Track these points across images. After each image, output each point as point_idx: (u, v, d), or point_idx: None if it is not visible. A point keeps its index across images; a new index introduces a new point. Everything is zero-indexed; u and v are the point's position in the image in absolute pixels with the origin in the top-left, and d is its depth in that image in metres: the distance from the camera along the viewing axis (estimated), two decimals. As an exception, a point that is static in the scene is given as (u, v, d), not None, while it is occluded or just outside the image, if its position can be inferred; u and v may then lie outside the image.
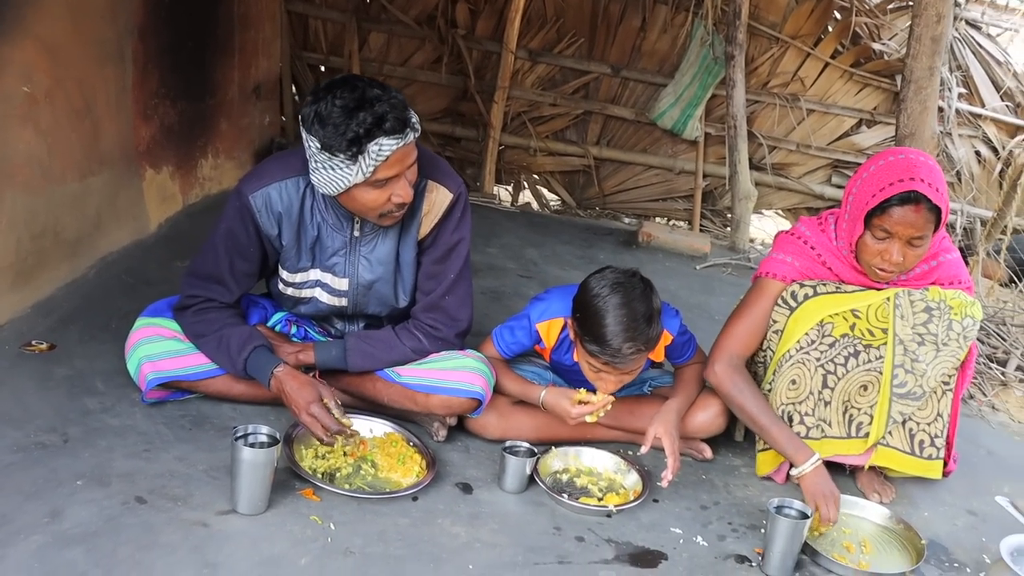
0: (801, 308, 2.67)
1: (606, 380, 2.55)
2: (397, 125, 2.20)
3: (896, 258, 2.51)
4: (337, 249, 2.54)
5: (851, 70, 6.38)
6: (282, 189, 2.45)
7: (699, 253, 5.55)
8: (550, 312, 2.69)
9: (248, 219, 2.46)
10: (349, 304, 2.63)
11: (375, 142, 2.19)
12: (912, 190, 2.43)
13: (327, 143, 2.20)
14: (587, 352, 2.50)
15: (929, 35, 3.40)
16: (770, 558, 2.28)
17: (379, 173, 2.25)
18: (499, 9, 6.16)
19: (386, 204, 2.33)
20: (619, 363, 2.47)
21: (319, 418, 2.33)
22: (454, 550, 2.16)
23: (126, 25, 3.49)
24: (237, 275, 2.52)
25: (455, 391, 2.56)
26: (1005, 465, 3.25)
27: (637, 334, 2.43)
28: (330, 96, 2.20)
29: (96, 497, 2.09)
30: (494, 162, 6.31)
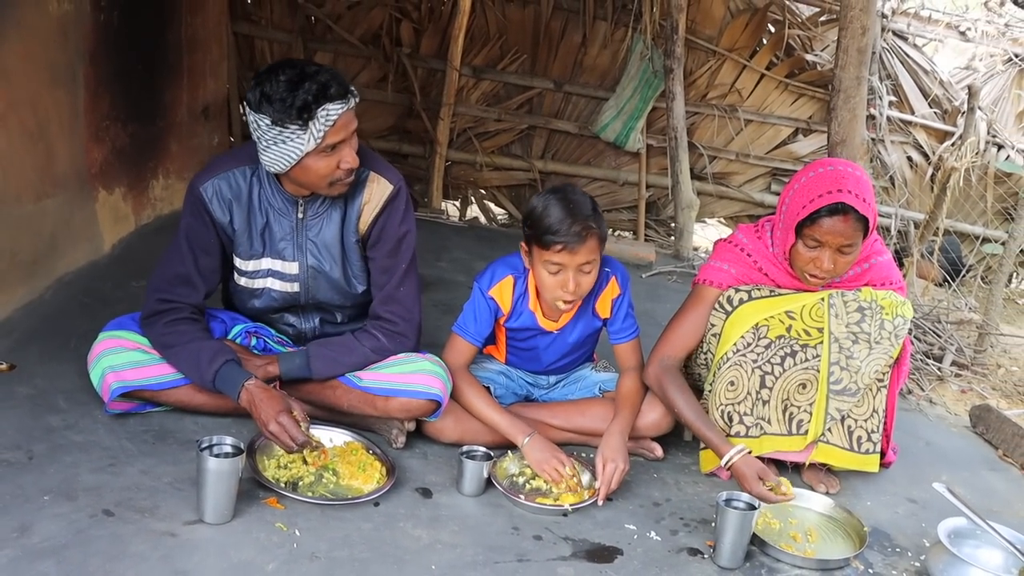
0: (736, 312, 2.77)
1: (564, 281, 2.60)
2: (340, 91, 2.37)
3: (827, 265, 2.62)
4: (285, 234, 2.63)
5: (786, 81, 6.57)
6: (230, 178, 2.58)
7: (644, 262, 5.66)
8: (496, 276, 2.79)
9: (202, 210, 2.56)
10: (301, 290, 2.70)
11: (323, 108, 2.35)
12: (840, 202, 2.53)
13: (277, 117, 2.35)
14: (542, 248, 2.58)
15: (855, 46, 3.55)
16: (721, 549, 2.36)
17: (328, 138, 2.39)
18: (443, 28, 6.23)
19: (335, 171, 2.46)
20: (573, 244, 2.54)
21: (287, 428, 2.38)
22: (416, 552, 2.22)
23: (77, 49, 3.51)
24: (203, 271, 2.60)
25: (414, 393, 2.63)
26: (943, 455, 3.40)
27: (583, 216, 2.55)
28: (272, 76, 2.36)
29: (64, 511, 2.12)
30: (441, 178, 6.35)
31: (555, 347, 2.92)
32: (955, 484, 3.05)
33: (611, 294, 2.84)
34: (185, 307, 2.59)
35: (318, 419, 2.71)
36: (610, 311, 2.87)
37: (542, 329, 2.85)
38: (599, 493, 2.57)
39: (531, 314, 2.82)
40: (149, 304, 2.59)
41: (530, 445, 2.66)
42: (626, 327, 2.88)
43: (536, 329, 2.85)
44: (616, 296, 2.85)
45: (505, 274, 2.79)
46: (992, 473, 3.32)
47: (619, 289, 2.84)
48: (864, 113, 3.66)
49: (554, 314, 2.81)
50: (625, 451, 2.66)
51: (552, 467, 2.62)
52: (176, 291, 2.58)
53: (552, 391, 3.03)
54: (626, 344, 2.89)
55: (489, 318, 2.81)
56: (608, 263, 2.82)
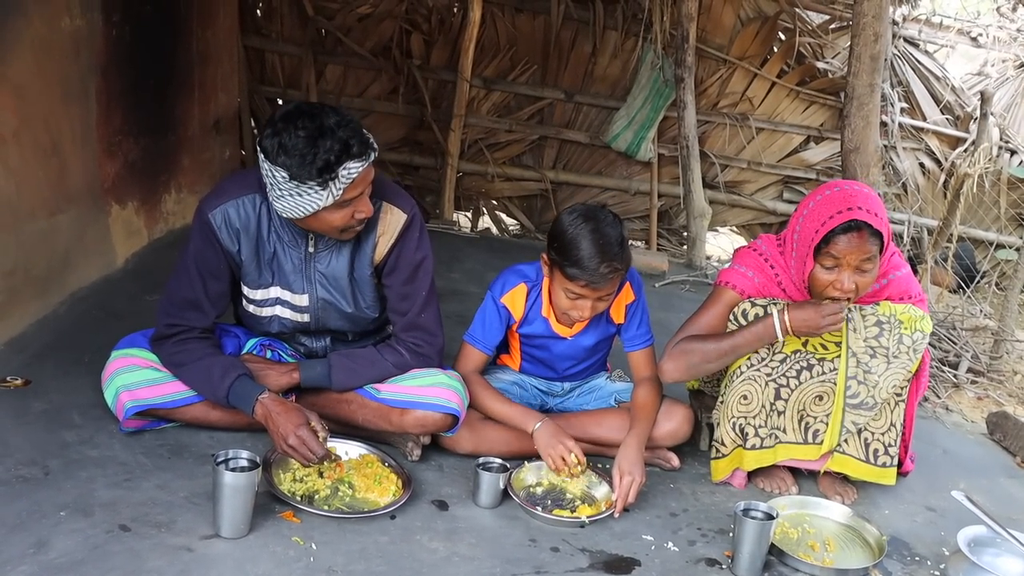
0: None
1: (582, 307, 2.63)
2: (361, 148, 2.33)
3: (848, 285, 2.57)
4: (294, 266, 2.61)
5: (797, 89, 6.57)
6: (239, 206, 2.53)
7: (657, 271, 5.65)
8: (509, 284, 2.81)
9: (211, 236, 2.53)
10: (312, 320, 2.70)
11: (344, 167, 2.31)
12: (853, 219, 2.51)
13: (296, 173, 2.29)
14: (565, 278, 2.59)
15: (868, 54, 3.54)
16: (739, 560, 2.35)
17: (346, 194, 2.37)
18: (453, 39, 6.26)
19: (350, 221, 2.44)
20: (597, 284, 2.56)
21: (307, 441, 2.37)
22: (433, 564, 2.21)
23: (89, 64, 3.53)
24: (212, 296, 2.59)
25: (431, 406, 2.62)
26: (960, 463, 3.37)
27: (612, 255, 2.55)
28: (291, 127, 2.29)
29: (80, 527, 2.12)
30: (453, 189, 6.37)
31: (569, 353, 2.91)
32: (973, 492, 3.03)
33: (625, 299, 2.84)
34: (194, 329, 2.59)
35: (333, 432, 2.70)
36: (624, 316, 2.86)
37: (555, 335, 2.85)
38: (616, 506, 2.55)
39: (544, 321, 2.82)
40: (159, 329, 2.60)
41: (540, 430, 2.66)
42: (640, 334, 2.87)
43: (549, 335, 2.85)
44: (630, 302, 2.85)
45: (517, 282, 2.81)
46: (1010, 480, 3.29)
47: (633, 295, 2.84)
48: (877, 120, 3.65)
49: (567, 321, 2.81)
50: (642, 463, 2.65)
51: (558, 453, 2.62)
52: (185, 316, 2.57)
53: (567, 400, 3.02)
54: (640, 352, 2.88)
55: (500, 326, 2.82)
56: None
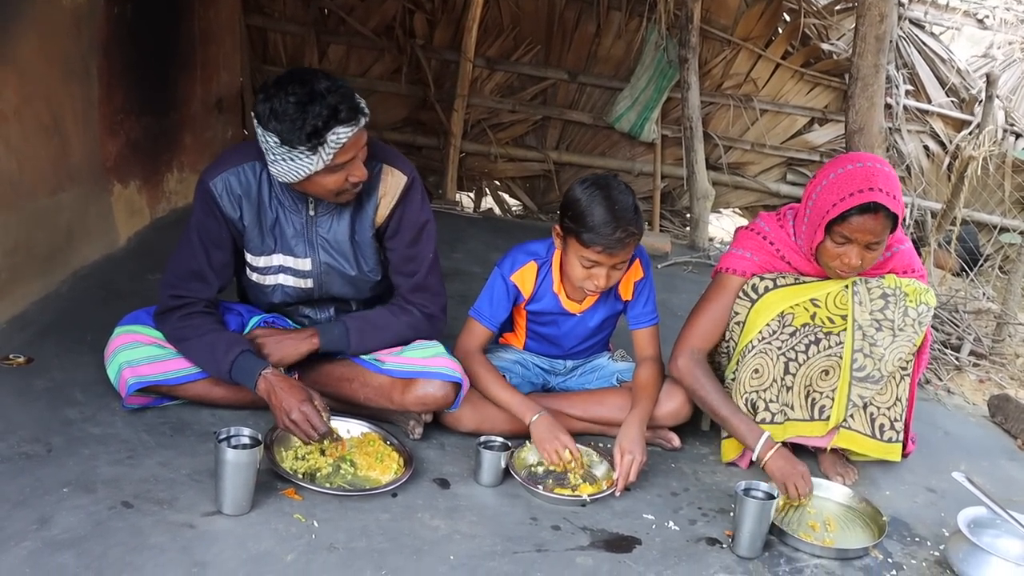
0: (762, 300, 2.76)
1: (598, 276, 2.63)
2: (351, 114, 2.34)
3: (854, 262, 2.59)
4: (296, 231, 2.63)
5: (802, 70, 6.53)
6: (240, 173, 2.56)
7: (660, 252, 5.65)
8: (519, 262, 2.81)
9: (213, 205, 2.56)
10: (315, 286, 2.71)
11: (332, 132, 2.33)
12: (872, 201, 2.50)
13: (286, 138, 2.33)
14: (581, 245, 2.59)
15: (873, 34, 3.52)
16: (740, 539, 2.35)
17: (337, 159, 2.39)
18: (456, 19, 6.22)
19: (343, 184, 2.47)
20: (613, 249, 2.56)
21: (309, 417, 2.38)
22: (435, 542, 2.22)
23: (90, 42, 3.52)
24: (215, 266, 2.60)
25: (435, 374, 2.62)
26: (961, 445, 3.38)
27: (627, 220, 2.56)
28: (282, 92, 2.32)
29: (83, 503, 2.13)
30: (455, 169, 6.36)
31: (577, 330, 2.92)
32: (974, 473, 3.02)
33: (634, 276, 2.85)
34: (198, 301, 2.60)
35: (335, 411, 2.71)
36: (632, 293, 2.87)
37: (565, 311, 2.86)
38: (617, 484, 2.56)
39: (554, 297, 2.83)
40: (162, 301, 2.60)
41: (537, 423, 2.66)
42: (646, 312, 2.88)
43: (559, 312, 2.86)
44: (639, 279, 2.86)
45: (527, 260, 2.81)
46: (1011, 463, 3.29)
47: (642, 272, 2.86)
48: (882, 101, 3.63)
49: (578, 296, 2.82)
50: (643, 442, 2.65)
51: (553, 448, 2.62)
52: (189, 287, 2.58)
53: (568, 380, 3.03)
54: (645, 330, 2.89)
55: (506, 303, 2.82)
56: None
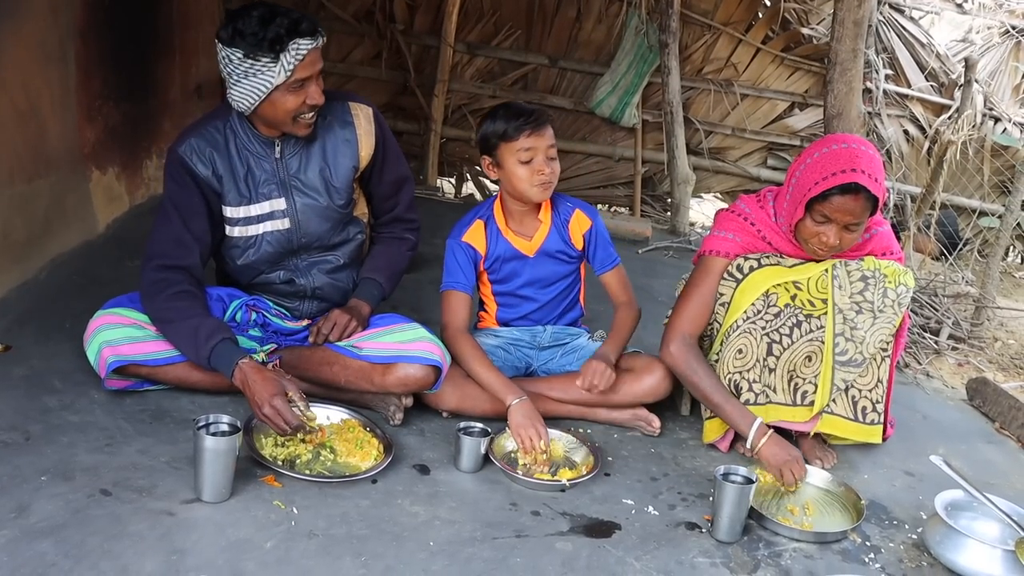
0: (747, 280, 2.77)
1: (539, 166, 2.75)
2: (310, 27, 2.46)
3: (832, 241, 2.61)
4: (268, 176, 2.70)
5: (782, 55, 6.54)
6: (205, 133, 2.65)
7: (641, 237, 5.65)
8: (464, 225, 2.94)
9: (183, 172, 2.62)
10: (292, 225, 2.74)
11: (294, 42, 2.43)
12: (853, 181, 2.51)
13: (250, 50, 2.42)
14: (511, 141, 2.75)
15: (851, 18, 3.52)
16: (719, 523, 2.36)
17: (297, 73, 2.46)
18: (436, 4, 6.20)
19: (301, 107, 2.53)
20: (537, 127, 2.73)
21: (281, 412, 2.38)
22: (414, 528, 2.22)
23: (68, 27, 3.48)
24: (193, 231, 2.63)
25: (415, 359, 2.64)
26: (939, 428, 3.40)
27: (532, 107, 2.80)
28: (245, 13, 2.45)
29: (61, 491, 2.12)
30: (436, 155, 6.36)
31: (537, 274, 2.97)
32: (952, 457, 3.06)
33: (580, 227, 2.95)
34: (183, 273, 2.59)
35: (316, 396, 2.72)
36: (583, 243, 2.96)
37: (519, 254, 2.93)
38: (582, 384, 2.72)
39: (506, 242, 2.91)
40: (147, 274, 2.59)
41: (516, 408, 2.67)
42: (607, 256, 3.00)
43: (514, 256, 2.93)
44: (586, 229, 2.96)
45: (472, 220, 2.93)
46: (989, 446, 3.32)
47: (588, 221, 2.96)
48: (860, 86, 3.64)
49: (527, 233, 2.92)
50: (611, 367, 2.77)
51: (527, 435, 2.63)
52: (171, 254, 2.59)
53: (551, 361, 3.03)
54: (610, 273, 3.00)
55: (469, 264, 2.90)
56: (568, 199, 3.01)
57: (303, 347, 2.80)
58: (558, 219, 2.93)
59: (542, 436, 2.63)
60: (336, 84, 6.33)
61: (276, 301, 2.87)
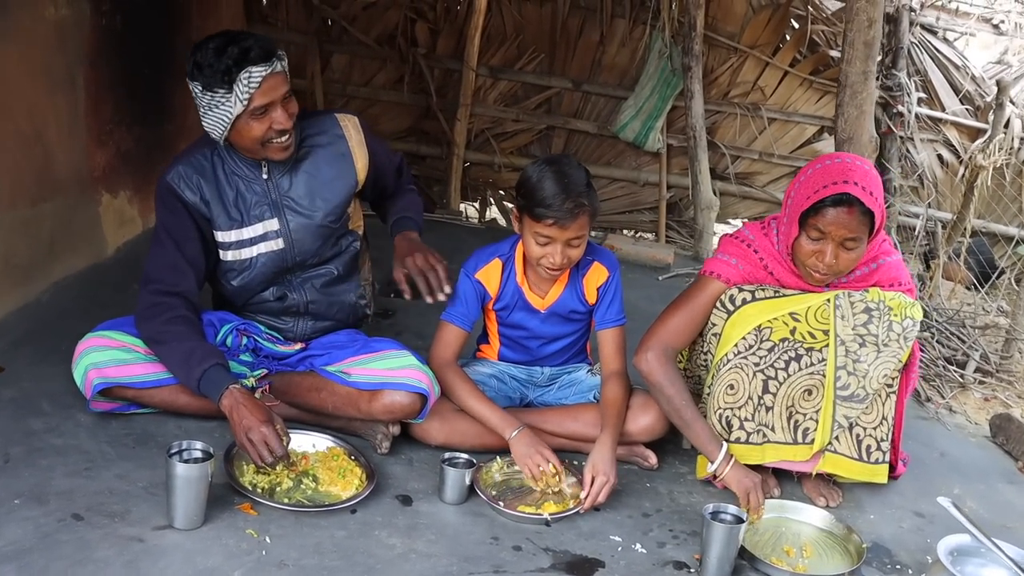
0: (738, 312, 2.70)
1: (553, 253, 2.62)
2: (262, 54, 2.45)
3: (829, 259, 2.53)
4: (259, 198, 2.70)
5: (810, 78, 6.41)
6: (192, 161, 2.67)
7: (662, 264, 5.58)
8: (482, 260, 2.82)
9: (174, 200, 2.64)
10: (286, 244, 2.74)
11: (244, 71, 2.43)
12: (845, 192, 2.47)
13: (207, 83, 2.46)
14: (534, 220, 2.59)
15: (862, 39, 3.45)
16: (707, 564, 2.29)
17: (255, 101, 2.46)
18: (459, 28, 6.19)
19: (268, 132, 2.52)
20: (564, 221, 2.56)
21: (267, 439, 2.35)
22: (389, 561, 2.18)
23: (76, 53, 3.52)
24: (188, 256, 2.65)
25: (400, 386, 2.61)
26: (957, 467, 3.26)
27: (577, 192, 2.56)
28: (204, 45, 2.48)
29: (33, 515, 2.12)
30: (459, 179, 6.33)
31: (545, 329, 2.89)
32: (969, 498, 2.96)
33: (597, 280, 2.83)
34: (180, 299, 2.59)
35: (305, 423, 2.71)
36: (596, 297, 2.85)
37: (530, 307, 2.84)
38: (583, 503, 2.51)
39: (519, 291, 2.82)
40: (144, 297, 2.60)
41: (517, 438, 2.62)
42: (611, 313, 2.86)
43: (524, 308, 2.84)
44: (602, 283, 2.84)
45: (491, 258, 2.82)
46: (1009, 486, 3.18)
47: (606, 274, 2.84)
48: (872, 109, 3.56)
49: (542, 288, 2.82)
50: (615, 464, 2.61)
51: (535, 463, 2.58)
52: (166, 279, 2.60)
53: (546, 394, 2.98)
54: (609, 331, 2.85)
55: (475, 301, 2.81)
56: (593, 251, 2.85)
57: (292, 373, 2.79)
58: (576, 274, 2.82)
59: (549, 460, 2.59)
60: (359, 108, 6.36)
61: (268, 323, 2.86)
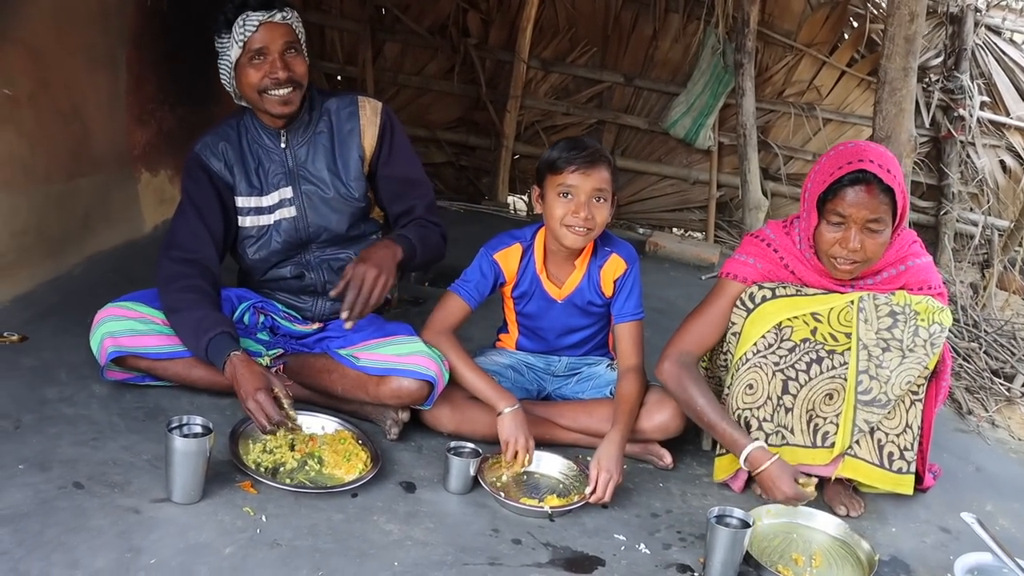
0: (758, 310, 2.64)
1: (577, 207, 2.60)
2: (263, 2, 2.56)
3: (854, 244, 2.46)
4: (276, 167, 2.77)
5: (868, 78, 6.26)
6: (219, 131, 2.79)
7: (706, 263, 5.51)
8: (503, 243, 2.81)
9: (198, 170, 2.75)
10: (299, 213, 2.78)
11: (242, 15, 2.55)
12: (861, 170, 2.41)
13: (216, 32, 2.61)
14: (555, 175, 2.63)
15: (902, 35, 3.33)
16: (710, 569, 2.23)
17: (251, 44, 2.57)
18: (511, 19, 6.19)
19: (263, 80, 2.59)
20: (585, 166, 2.58)
21: (263, 406, 2.36)
22: (383, 547, 2.16)
23: (119, 33, 3.59)
24: (209, 225, 2.73)
25: (408, 373, 2.59)
26: (992, 483, 3.14)
27: (591, 144, 2.64)
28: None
29: (34, 481, 2.14)
30: (508, 171, 6.32)
31: (562, 319, 2.86)
32: (1002, 515, 2.84)
33: (614, 273, 2.79)
34: (197, 267, 2.63)
35: (318, 405, 2.72)
36: (613, 290, 2.81)
37: (547, 296, 2.82)
38: (587, 497, 2.47)
39: (537, 279, 2.80)
40: (163, 264, 2.65)
41: (507, 415, 2.59)
42: (628, 307, 2.80)
43: (541, 297, 2.82)
44: (619, 276, 2.79)
45: (512, 242, 2.80)
46: (1047, 506, 3.05)
47: (624, 267, 2.79)
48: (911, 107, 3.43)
49: (560, 278, 2.80)
50: (621, 461, 2.55)
51: (512, 446, 2.56)
52: (187, 246, 2.67)
53: (565, 386, 2.94)
54: (626, 326, 2.79)
55: (488, 280, 2.79)
56: (613, 242, 2.81)
57: (307, 354, 2.80)
58: (594, 265, 2.79)
59: (526, 449, 2.57)
60: (410, 97, 6.39)
61: (287, 302, 2.88)
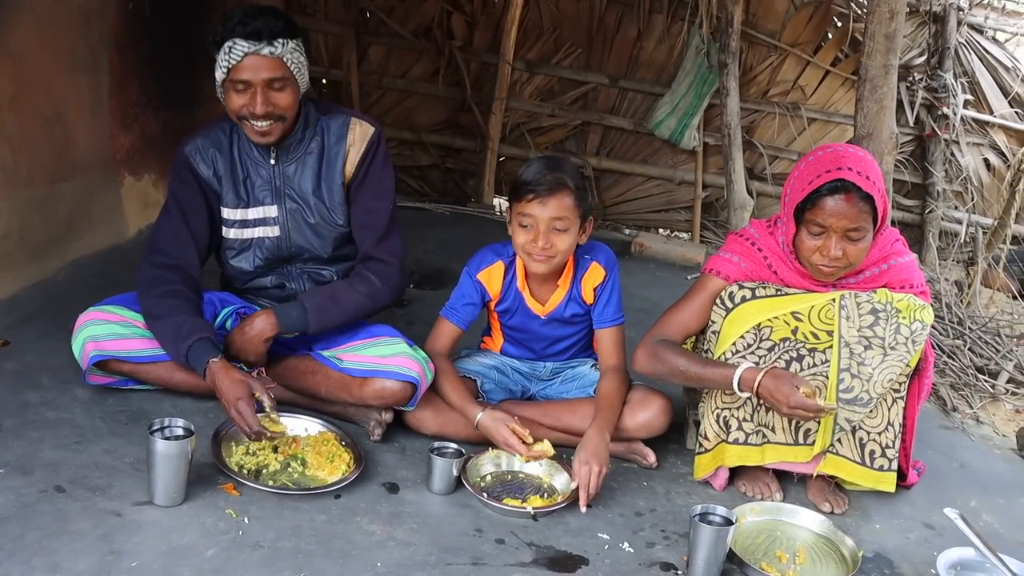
0: (737, 310, 2.64)
1: (535, 235, 2.61)
2: (253, 32, 2.47)
3: (835, 252, 2.46)
4: (264, 182, 2.74)
5: (852, 78, 6.24)
6: (211, 135, 2.74)
7: (691, 263, 5.51)
8: (485, 261, 2.81)
9: (187, 171, 2.71)
10: (282, 233, 2.77)
11: (230, 41, 2.48)
12: (840, 179, 2.39)
13: (210, 47, 2.54)
14: (516, 201, 2.63)
15: (882, 32, 3.34)
16: (693, 567, 2.23)
17: (234, 74, 2.51)
18: (495, 21, 6.17)
19: (242, 109, 2.55)
20: (542, 195, 2.57)
21: (244, 415, 2.37)
22: (366, 548, 2.17)
23: (101, 36, 3.58)
24: (192, 229, 2.71)
25: (390, 374, 2.60)
26: (976, 479, 3.15)
27: (555, 168, 2.61)
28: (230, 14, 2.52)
29: (15, 485, 2.15)
30: (493, 173, 6.31)
31: (545, 331, 2.88)
32: (985, 511, 2.85)
33: (593, 281, 2.80)
34: (179, 272, 2.62)
35: (301, 407, 2.72)
36: (593, 297, 2.82)
37: (530, 311, 2.83)
38: (580, 498, 2.47)
39: (519, 296, 2.81)
40: (144, 269, 2.64)
41: (483, 419, 2.64)
42: (608, 313, 2.82)
43: (525, 312, 2.84)
44: (599, 284, 2.81)
45: (494, 260, 2.81)
46: (1031, 501, 3.06)
47: (603, 274, 2.80)
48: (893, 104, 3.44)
49: (542, 296, 2.81)
50: (605, 452, 2.55)
51: (502, 436, 2.60)
52: (169, 251, 2.65)
53: (548, 388, 2.95)
54: (607, 331, 2.82)
55: (474, 302, 2.81)
56: (593, 249, 2.81)
57: (290, 356, 2.80)
58: (576, 277, 2.80)
59: (516, 432, 2.60)
60: (396, 100, 6.38)
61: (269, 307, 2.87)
